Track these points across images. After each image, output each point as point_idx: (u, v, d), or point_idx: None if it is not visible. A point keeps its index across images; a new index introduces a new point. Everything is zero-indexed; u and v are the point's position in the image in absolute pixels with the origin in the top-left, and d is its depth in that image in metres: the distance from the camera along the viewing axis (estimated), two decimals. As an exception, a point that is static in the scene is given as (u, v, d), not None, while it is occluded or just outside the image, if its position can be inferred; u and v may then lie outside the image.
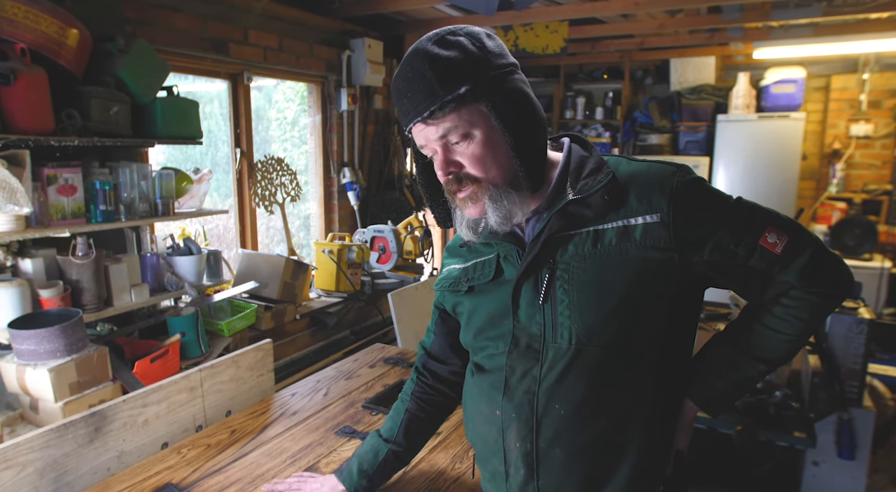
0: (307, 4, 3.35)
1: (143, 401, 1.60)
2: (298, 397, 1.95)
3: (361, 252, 3.15)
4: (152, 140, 2.32)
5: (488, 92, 0.91)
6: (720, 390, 1.04)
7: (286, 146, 5.61)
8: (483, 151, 0.93)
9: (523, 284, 0.98)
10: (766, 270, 0.96)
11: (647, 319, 0.95)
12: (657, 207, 0.93)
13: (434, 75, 0.90)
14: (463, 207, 0.99)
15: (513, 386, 1.00)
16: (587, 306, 0.94)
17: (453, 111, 0.91)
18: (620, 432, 0.97)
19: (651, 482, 1.01)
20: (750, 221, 0.95)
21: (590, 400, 0.96)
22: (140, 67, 2.23)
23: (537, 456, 0.99)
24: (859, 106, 4.99)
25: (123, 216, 2.24)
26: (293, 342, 2.78)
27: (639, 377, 0.97)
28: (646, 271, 0.93)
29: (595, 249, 0.95)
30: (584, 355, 0.95)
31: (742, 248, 0.94)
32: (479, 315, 1.06)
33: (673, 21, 4.07)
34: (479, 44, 0.92)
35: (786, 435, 2.02)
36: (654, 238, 0.92)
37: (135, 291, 2.28)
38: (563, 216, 0.96)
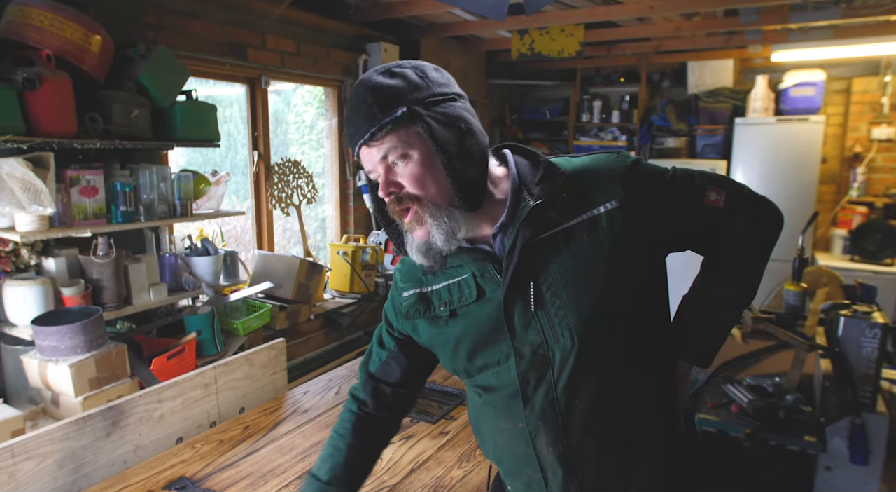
0: (324, 9, 3.40)
1: (158, 397, 1.64)
2: (311, 395, 1.98)
3: (376, 254, 3.18)
4: (171, 143, 2.38)
5: (423, 115, 0.95)
6: (704, 344, 1.14)
7: (304, 149, 5.68)
8: (420, 170, 0.97)
9: (511, 296, 1.00)
10: (717, 225, 1.06)
11: (632, 297, 1.01)
12: (613, 193, 1.00)
13: (374, 101, 0.95)
14: (411, 231, 1.01)
15: (531, 396, 1.03)
16: (578, 301, 0.99)
17: (391, 132, 0.95)
18: (638, 407, 1.03)
19: (670, 443, 1.08)
20: (691, 186, 1.05)
21: (604, 386, 1.01)
22: (160, 72, 2.29)
23: (572, 454, 1.03)
24: (881, 109, 4.91)
25: (143, 217, 2.29)
26: (307, 342, 2.82)
27: (638, 351, 1.03)
28: (620, 255, 0.99)
29: (569, 247, 1.00)
30: (589, 346, 0.99)
31: (692, 211, 1.04)
32: (468, 338, 1.07)
33: (689, 24, 4.05)
34: (422, 74, 0.98)
35: (797, 439, 2.00)
36: (619, 222, 0.99)
37: (153, 291, 2.34)
38: (531, 223, 0.99)
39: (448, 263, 1.06)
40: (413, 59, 1.04)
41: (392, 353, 1.20)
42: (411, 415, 1.81)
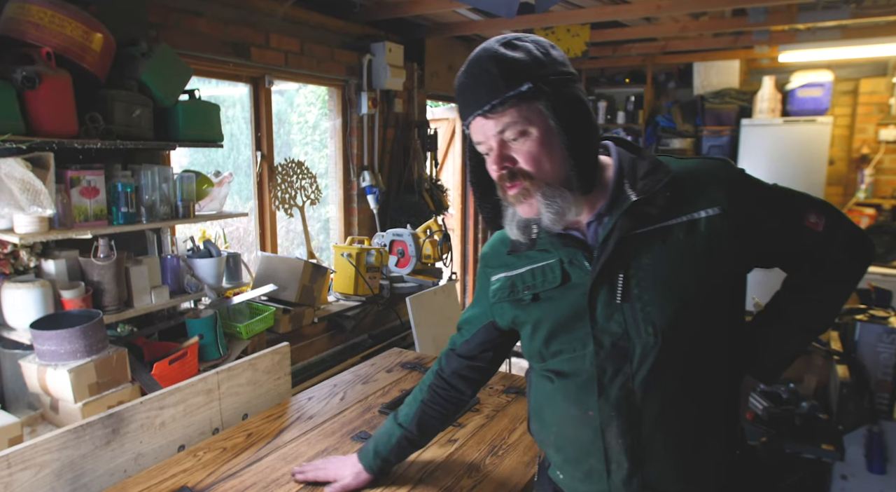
0: (329, 9, 3.36)
1: (160, 403, 1.60)
2: (315, 401, 1.94)
3: (380, 256, 3.14)
4: (174, 143, 2.34)
5: (548, 93, 0.95)
6: (774, 363, 1.15)
7: (307, 150, 5.64)
8: (538, 148, 0.96)
9: (598, 285, 1.02)
10: (813, 248, 1.06)
11: (718, 304, 1.02)
12: (717, 200, 1.00)
13: (499, 72, 0.94)
14: (516, 204, 1.01)
15: (606, 386, 1.03)
16: (666, 299, 0.99)
17: (513, 107, 0.94)
18: (709, 410, 1.05)
19: (732, 450, 1.10)
20: (792, 206, 1.05)
21: (682, 386, 1.02)
22: (162, 71, 2.25)
23: (640, 448, 1.04)
24: (889, 110, 4.87)
25: (145, 218, 2.25)
26: (311, 346, 2.78)
27: (717, 356, 1.04)
28: (714, 261, 1.00)
29: (664, 244, 1.00)
30: (672, 345, 0.99)
31: (790, 230, 1.04)
32: (547, 322, 1.08)
33: (696, 24, 4.01)
34: (544, 50, 0.97)
35: (813, 447, 1.96)
36: (719, 229, 0.99)
37: (155, 293, 2.30)
38: (630, 216, 1.00)
39: (536, 246, 1.08)
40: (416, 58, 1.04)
41: (475, 333, 1.26)
42: (418, 422, 1.77)
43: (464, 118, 1.01)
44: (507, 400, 1.94)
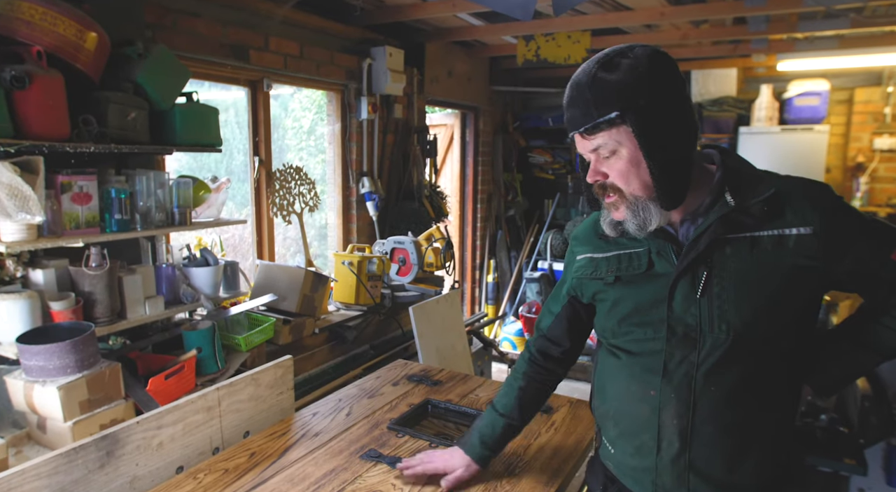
0: (329, 12, 3.29)
1: (157, 423, 1.51)
2: (320, 416, 1.85)
3: (382, 264, 3.05)
4: (171, 147, 2.25)
5: (636, 118, 1.04)
6: (834, 379, 1.20)
7: (302, 155, 5.55)
8: (626, 167, 1.08)
9: (681, 278, 1.11)
10: (894, 280, 1.10)
11: (790, 316, 1.09)
12: (810, 220, 1.07)
13: (592, 97, 1.05)
14: (609, 208, 1.15)
15: (671, 369, 1.13)
16: (743, 302, 1.08)
17: (603, 131, 1.06)
18: (763, 411, 1.12)
19: (781, 456, 1.15)
20: (884, 238, 1.10)
21: (741, 383, 1.10)
22: (159, 73, 2.17)
23: (692, 432, 1.13)
24: (884, 119, 4.88)
25: (139, 226, 2.16)
26: (311, 357, 2.68)
27: (779, 364, 1.11)
28: (796, 276, 1.07)
29: (751, 252, 1.08)
30: (740, 345, 1.08)
31: (876, 260, 1.09)
32: (626, 304, 1.18)
33: (697, 32, 3.99)
34: (641, 69, 1.04)
35: (836, 461, 1.90)
36: (806, 248, 1.07)
37: (149, 304, 2.20)
38: (725, 222, 1.09)
39: (626, 235, 1.18)
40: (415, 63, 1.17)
41: (560, 312, 1.37)
42: (429, 439, 1.69)
43: (568, 131, 1.14)
44: (519, 415, 1.87)
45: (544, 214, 5.83)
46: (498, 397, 1.46)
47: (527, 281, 5.26)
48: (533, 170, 5.92)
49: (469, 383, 2.13)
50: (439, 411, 1.95)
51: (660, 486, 1.19)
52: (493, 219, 5.59)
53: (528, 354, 1.45)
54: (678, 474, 1.15)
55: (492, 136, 5.43)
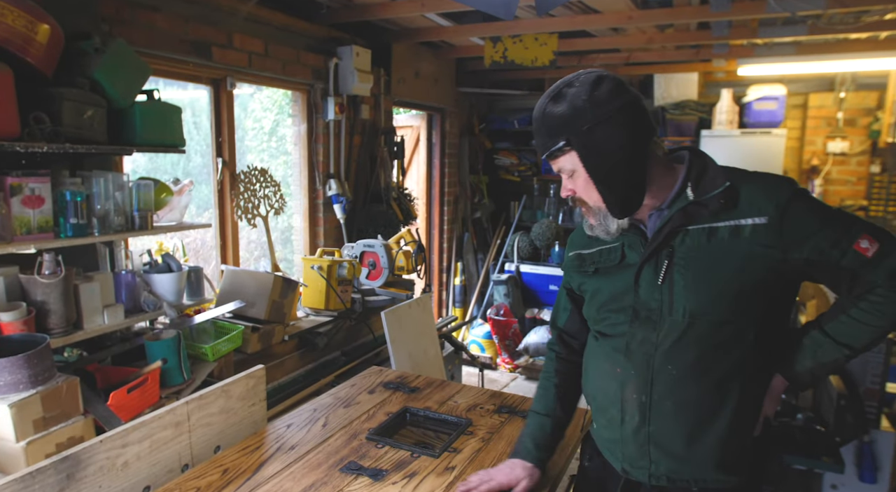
0: (294, 9, 3.20)
1: (122, 440, 1.41)
2: (295, 428, 1.77)
3: (353, 268, 2.98)
4: (130, 148, 2.13)
5: (578, 143, 1.18)
6: (807, 368, 1.23)
7: (263, 157, 5.40)
8: (584, 184, 1.23)
9: (644, 267, 1.23)
10: (856, 270, 1.15)
11: (747, 301, 1.16)
12: (766, 211, 1.15)
13: (545, 129, 1.22)
14: (584, 216, 1.31)
15: (633, 349, 1.25)
16: (699, 288, 1.18)
17: (559, 156, 1.22)
18: (720, 392, 1.20)
19: (741, 438, 1.23)
20: (846, 229, 1.14)
21: (697, 363, 1.20)
22: (118, 69, 2.05)
23: (650, 406, 1.24)
24: (836, 123, 5.07)
25: (97, 230, 2.03)
26: (281, 365, 2.59)
27: (737, 348, 1.18)
28: (750, 263, 1.15)
29: (709, 242, 1.18)
30: (695, 327, 1.18)
31: (837, 250, 1.14)
32: (603, 293, 1.32)
33: (662, 36, 4.05)
34: (583, 96, 1.16)
35: (814, 460, 1.92)
36: (762, 237, 1.15)
37: (108, 313, 2.08)
38: (684, 214, 1.20)
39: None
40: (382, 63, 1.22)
41: (570, 307, 1.50)
42: (411, 449, 1.64)
43: None
44: (500, 421, 1.83)
45: (510, 216, 5.84)
46: (536, 402, 1.53)
47: (494, 283, 5.25)
48: (499, 172, 5.93)
49: (447, 390, 2.08)
50: (418, 418, 1.90)
51: (626, 456, 1.31)
52: (460, 221, 5.56)
53: (552, 354, 1.54)
54: (640, 445, 1.27)
55: (458, 137, 5.41)
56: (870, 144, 4.98)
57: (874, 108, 4.93)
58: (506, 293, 5.15)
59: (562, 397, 1.50)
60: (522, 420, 1.80)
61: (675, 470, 1.25)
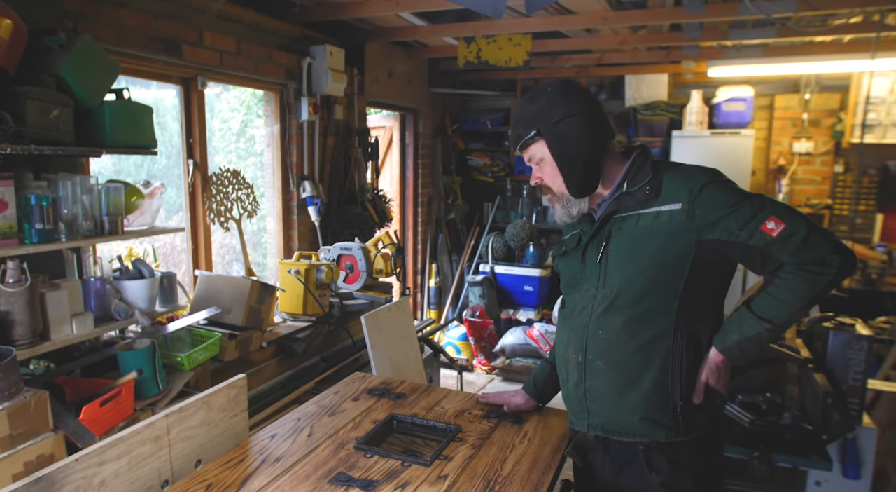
0: (266, 7, 3.12)
1: (99, 458, 1.33)
2: (279, 439, 1.71)
3: (331, 272, 2.92)
4: (100, 149, 2.04)
5: (546, 133, 1.42)
6: (734, 341, 1.36)
7: (231, 158, 5.27)
8: (549, 171, 1.47)
9: (588, 247, 1.47)
10: (764, 249, 1.29)
11: (667, 277, 1.35)
12: (681, 198, 1.34)
13: (520, 122, 1.46)
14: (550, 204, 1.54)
15: (575, 316, 1.49)
16: (625, 265, 1.39)
17: (529, 146, 1.47)
18: (644, 355, 1.39)
19: (667, 397, 1.39)
20: (755, 211, 1.29)
21: (622, 329, 1.40)
22: (85, 66, 1.96)
23: (586, 365, 1.46)
24: (801, 124, 5.20)
25: (64, 236, 1.94)
26: (259, 373, 2.51)
27: (659, 317, 1.37)
28: (668, 243, 1.34)
29: (637, 226, 1.39)
30: (621, 297, 1.39)
31: (745, 231, 1.29)
32: (567, 271, 1.56)
33: (635, 37, 4.09)
34: (554, 96, 1.41)
35: (803, 458, 1.95)
36: (677, 221, 1.34)
37: (76, 322, 1.98)
38: (617, 203, 1.42)
39: (579, 220, 1.52)
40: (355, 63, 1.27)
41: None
42: (401, 458, 1.60)
43: None
44: (489, 426, 1.80)
45: (484, 216, 5.83)
46: (550, 352, 1.76)
47: (469, 285, 5.23)
48: (472, 173, 5.91)
49: (433, 395, 2.04)
50: (406, 426, 1.85)
51: (572, 410, 1.55)
52: (434, 222, 5.53)
53: None
54: (579, 399, 1.49)
55: (431, 138, 5.37)
56: (833, 144, 5.13)
57: (837, 110, 5.08)
58: (481, 294, 5.14)
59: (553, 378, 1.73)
60: (512, 425, 1.78)
61: (607, 422, 1.46)
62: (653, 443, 1.43)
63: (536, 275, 5.09)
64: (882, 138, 4.73)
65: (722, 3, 3.19)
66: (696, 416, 1.41)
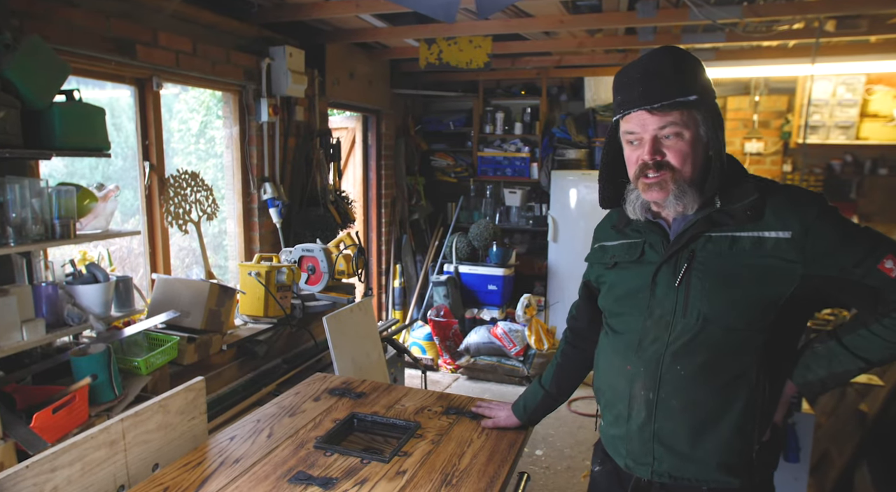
0: (223, 8, 3.09)
1: (51, 464, 1.32)
2: (238, 440, 1.71)
3: (292, 273, 2.91)
4: (49, 152, 2.00)
5: (706, 107, 1.17)
6: (819, 377, 1.24)
7: (191, 160, 5.19)
8: (687, 149, 1.18)
9: (663, 267, 1.25)
10: (879, 289, 1.16)
11: (761, 312, 1.17)
12: (791, 225, 1.16)
13: (675, 78, 1.15)
14: (646, 190, 1.23)
15: (645, 347, 1.27)
16: (716, 294, 1.19)
17: (676, 110, 1.15)
18: (726, 395, 1.21)
19: (746, 441, 1.23)
20: (871, 248, 1.15)
21: (705, 366, 1.21)
22: (32, 67, 1.92)
23: (657, 404, 1.25)
24: (752, 125, 5.39)
25: (12, 240, 1.90)
26: (220, 376, 2.49)
27: (746, 354, 1.20)
28: (770, 276, 1.17)
29: (730, 250, 1.19)
30: (707, 331, 1.20)
31: (860, 269, 1.15)
32: (620, 287, 1.34)
33: (592, 40, 4.18)
34: (704, 69, 1.20)
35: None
36: (784, 251, 1.16)
37: (27, 328, 1.94)
38: (709, 220, 1.22)
39: (631, 227, 1.34)
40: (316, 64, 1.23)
41: (582, 293, 1.56)
42: (360, 455, 1.62)
43: (623, 108, 1.20)
44: (448, 422, 1.84)
45: (448, 217, 5.87)
46: (544, 373, 1.68)
47: (433, 285, 5.26)
48: (435, 173, 5.95)
49: (394, 394, 2.07)
50: (366, 424, 1.88)
51: (630, 452, 1.32)
52: (398, 223, 5.54)
53: (565, 335, 1.65)
54: (644, 441, 1.28)
55: (394, 139, 5.39)
56: (782, 144, 5.33)
57: (785, 112, 5.28)
58: (445, 294, 5.17)
59: (559, 376, 1.63)
60: (470, 421, 1.82)
61: (677, 468, 1.26)
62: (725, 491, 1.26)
63: (500, 274, 5.15)
64: (826, 139, 4.95)
65: (672, 8, 3.30)
66: (767, 458, 1.29)
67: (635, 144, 1.21)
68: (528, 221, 5.67)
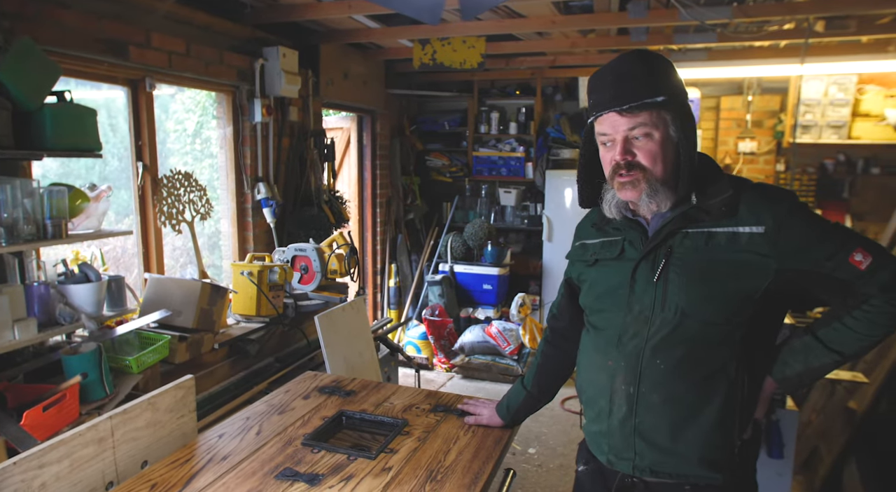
0: (216, 8, 3.11)
1: (39, 461, 1.34)
2: (227, 438, 1.73)
3: (284, 273, 2.93)
4: (40, 153, 2.02)
5: (676, 106, 1.19)
6: (796, 372, 1.26)
7: (187, 160, 5.20)
8: (657, 149, 1.20)
9: (642, 263, 1.27)
10: (850, 281, 1.18)
11: (738, 306, 1.20)
12: (763, 221, 1.19)
13: (643, 80, 1.17)
14: (620, 190, 1.25)
15: (625, 342, 1.28)
16: (692, 288, 1.21)
17: (646, 111, 1.18)
18: (706, 389, 1.22)
19: (727, 436, 1.24)
20: (842, 242, 1.18)
21: (683, 360, 1.23)
22: (23, 68, 1.94)
23: (638, 398, 1.27)
24: (745, 125, 5.42)
25: (4, 240, 1.92)
26: (211, 375, 2.51)
27: (724, 349, 1.22)
28: (744, 269, 1.19)
29: (707, 245, 1.22)
30: (685, 326, 1.22)
31: (832, 262, 1.17)
32: (600, 284, 1.36)
33: (584, 40, 4.20)
34: (673, 71, 1.22)
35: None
36: (758, 246, 1.19)
37: (18, 328, 1.96)
38: (685, 217, 1.23)
39: (612, 225, 1.36)
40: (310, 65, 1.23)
41: (563, 291, 1.55)
42: (347, 452, 1.64)
43: (595, 110, 1.23)
44: (436, 420, 1.86)
45: (443, 216, 5.89)
46: (526, 373, 1.68)
47: (428, 284, 5.28)
48: (430, 173, 5.97)
49: (383, 392, 2.09)
50: (354, 421, 1.90)
51: (612, 447, 1.33)
52: (393, 223, 5.56)
53: (544, 335, 1.65)
54: (626, 436, 1.29)
55: (389, 139, 5.41)
56: (775, 144, 5.36)
57: (777, 111, 5.30)
58: (440, 294, 5.19)
59: (539, 376, 1.63)
60: (457, 418, 1.84)
61: (658, 463, 1.27)
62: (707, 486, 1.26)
63: (495, 273, 5.17)
64: (818, 138, 4.97)
65: (663, 8, 3.32)
66: (748, 454, 1.30)
67: (608, 146, 1.24)
68: (523, 220, 5.70)
